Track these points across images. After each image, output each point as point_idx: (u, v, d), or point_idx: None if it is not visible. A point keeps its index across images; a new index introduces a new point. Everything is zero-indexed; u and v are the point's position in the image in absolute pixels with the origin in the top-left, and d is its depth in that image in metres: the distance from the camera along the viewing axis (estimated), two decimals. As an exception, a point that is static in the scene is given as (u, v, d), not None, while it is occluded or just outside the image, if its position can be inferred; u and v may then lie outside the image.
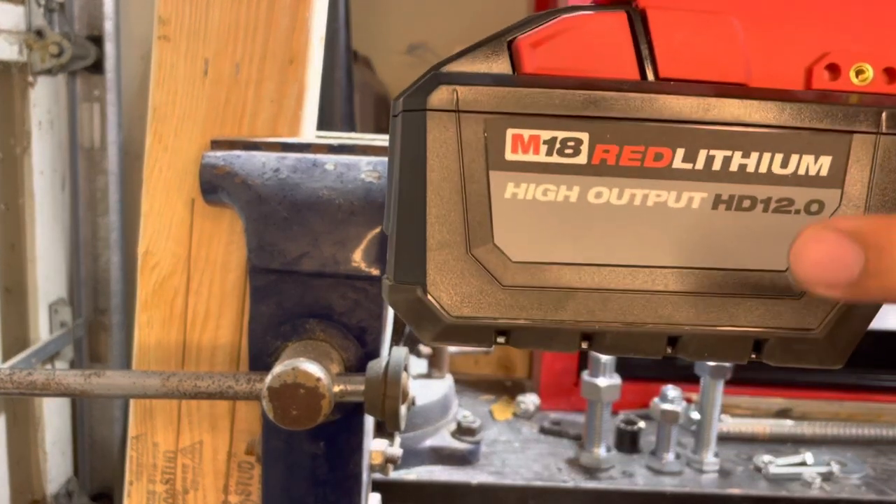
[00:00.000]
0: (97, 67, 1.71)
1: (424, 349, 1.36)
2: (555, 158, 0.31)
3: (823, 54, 0.31)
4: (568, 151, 0.31)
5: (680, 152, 0.31)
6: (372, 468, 0.69)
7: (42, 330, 1.65)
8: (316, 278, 0.60)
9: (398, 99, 0.32)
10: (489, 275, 0.31)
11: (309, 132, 0.66)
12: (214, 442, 0.66)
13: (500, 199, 0.31)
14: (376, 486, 0.78)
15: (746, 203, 0.31)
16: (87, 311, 1.79)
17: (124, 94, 1.77)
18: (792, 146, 0.31)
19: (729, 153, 0.31)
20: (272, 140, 0.63)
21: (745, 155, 0.31)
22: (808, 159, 0.31)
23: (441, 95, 0.31)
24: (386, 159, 0.63)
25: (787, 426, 1.40)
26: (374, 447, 0.69)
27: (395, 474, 1.17)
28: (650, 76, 0.31)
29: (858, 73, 0.32)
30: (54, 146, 1.68)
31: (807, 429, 1.39)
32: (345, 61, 1.87)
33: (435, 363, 1.35)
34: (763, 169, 0.31)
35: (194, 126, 0.64)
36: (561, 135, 0.30)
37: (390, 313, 0.65)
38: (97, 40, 1.69)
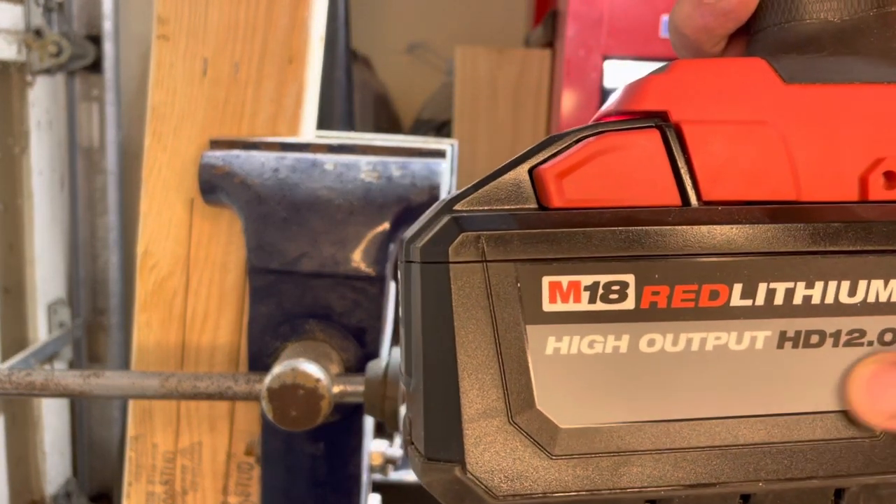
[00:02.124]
0: (96, 67, 1.71)
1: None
2: (599, 306, 0.27)
3: (878, 160, 0.28)
4: (613, 297, 0.27)
5: (737, 288, 0.27)
6: (372, 469, 0.69)
7: (41, 330, 1.65)
8: (315, 278, 0.60)
9: (411, 244, 0.29)
10: (536, 445, 0.28)
11: (308, 132, 0.66)
12: (214, 443, 0.66)
13: (540, 356, 0.27)
14: (376, 487, 0.78)
15: (815, 339, 0.28)
16: (85, 312, 1.79)
17: (123, 93, 1.77)
18: (858, 271, 0.28)
19: (791, 285, 0.28)
20: (271, 140, 0.62)
21: (809, 285, 0.28)
22: (877, 284, 0.28)
23: (464, 245, 0.27)
24: (385, 159, 0.62)
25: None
26: (374, 448, 0.68)
27: (394, 475, 1.17)
28: (692, 200, 0.28)
29: None
30: (53, 146, 1.68)
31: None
32: (344, 61, 1.87)
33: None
34: (829, 299, 0.28)
35: (193, 126, 0.64)
36: (604, 279, 0.27)
37: (390, 313, 0.65)
38: (96, 40, 1.69)
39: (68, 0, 1.64)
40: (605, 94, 1.60)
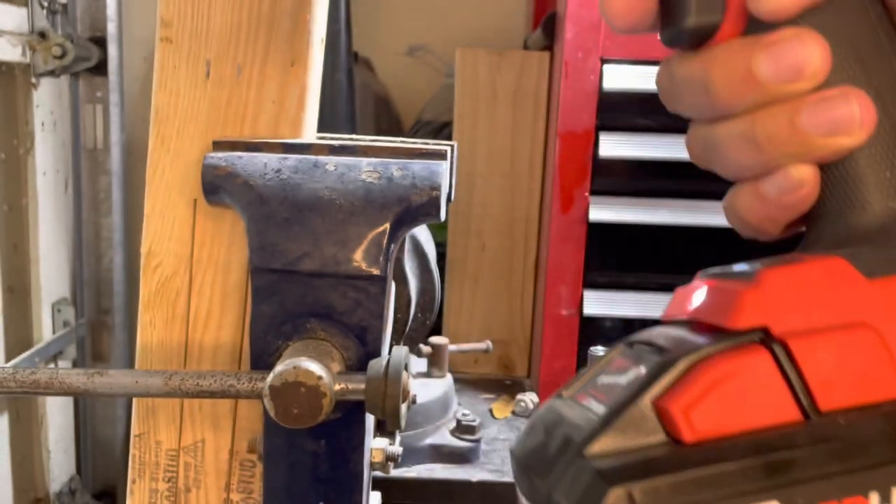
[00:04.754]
0: (100, 69, 1.71)
1: (425, 348, 1.36)
2: None
3: None
4: None
5: (874, 497, 0.28)
6: (372, 466, 0.69)
7: (45, 329, 1.66)
8: (317, 278, 0.60)
9: (551, 496, 0.29)
10: None
11: (310, 133, 0.67)
12: (216, 440, 0.67)
13: None
14: (377, 484, 0.79)
15: None
16: (89, 311, 1.80)
17: (127, 95, 1.77)
18: None
19: None
20: (273, 141, 0.63)
21: None
22: None
23: (617, 503, 0.27)
24: (386, 160, 0.63)
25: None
26: (375, 445, 0.69)
27: (395, 472, 1.18)
28: (811, 414, 0.29)
29: None
30: (57, 147, 1.69)
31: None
32: (346, 63, 1.88)
33: (435, 362, 1.36)
34: None
35: (196, 127, 0.64)
36: None
37: (391, 313, 0.66)
38: (100, 42, 1.70)
39: (72, 2, 1.65)
40: (603, 96, 1.60)
